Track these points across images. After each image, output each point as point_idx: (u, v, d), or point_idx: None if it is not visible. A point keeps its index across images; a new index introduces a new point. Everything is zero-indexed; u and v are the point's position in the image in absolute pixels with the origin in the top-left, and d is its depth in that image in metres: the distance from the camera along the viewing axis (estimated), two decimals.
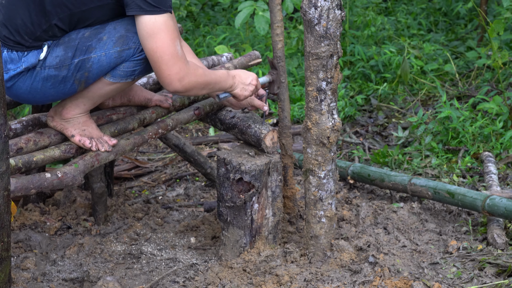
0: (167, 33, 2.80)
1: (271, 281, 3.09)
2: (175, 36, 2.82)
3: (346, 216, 3.64)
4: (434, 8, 6.94)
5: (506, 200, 3.43)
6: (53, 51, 2.87)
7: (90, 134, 3.03)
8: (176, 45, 2.82)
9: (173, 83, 2.85)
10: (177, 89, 2.87)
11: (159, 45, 2.80)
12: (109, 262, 3.36)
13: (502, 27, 4.54)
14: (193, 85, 2.90)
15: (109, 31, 2.87)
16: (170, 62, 2.81)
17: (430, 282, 3.08)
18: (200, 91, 2.98)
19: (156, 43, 2.80)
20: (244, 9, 5.18)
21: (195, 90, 2.94)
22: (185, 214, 3.90)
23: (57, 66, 2.87)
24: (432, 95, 5.37)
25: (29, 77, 2.89)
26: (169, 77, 2.84)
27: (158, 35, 2.79)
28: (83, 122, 3.03)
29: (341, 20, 3.00)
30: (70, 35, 2.88)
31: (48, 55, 2.86)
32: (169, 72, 2.83)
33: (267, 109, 3.32)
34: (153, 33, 2.79)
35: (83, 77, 2.90)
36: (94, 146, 3.01)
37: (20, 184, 2.75)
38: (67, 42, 2.87)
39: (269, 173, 3.23)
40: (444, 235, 3.54)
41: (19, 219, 3.71)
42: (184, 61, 2.86)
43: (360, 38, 6.06)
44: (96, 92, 2.97)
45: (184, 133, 5.23)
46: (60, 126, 3.02)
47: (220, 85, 3.07)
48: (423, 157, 4.43)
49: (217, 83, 3.04)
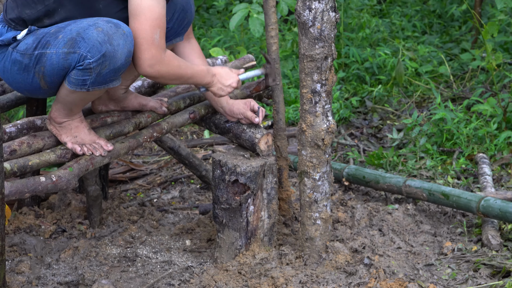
0: (148, 18, 2.84)
1: (266, 284, 3.09)
2: (157, 24, 2.85)
3: (341, 218, 3.64)
4: (429, 10, 6.95)
5: (501, 201, 3.44)
6: (27, 38, 2.90)
7: (82, 141, 3.02)
8: (155, 33, 2.85)
9: (142, 67, 2.90)
10: (145, 73, 2.92)
11: (137, 26, 2.85)
12: (104, 265, 3.36)
13: (496, 29, 4.55)
14: (163, 74, 2.95)
15: (65, 31, 2.84)
16: (143, 46, 2.86)
17: (425, 283, 3.09)
18: (170, 81, 3.04)
19: (135, 24, 2.85)
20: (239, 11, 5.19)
21: (165, 79, 3.00)
22: (180, 217, 3.90)
23: (22, 52, 2.90)
24: (427, 97, 5.38)
25: (2, 54, 2.94)
26: (140, 60, 2.88)
27: (139, 17, 2.84)
28: (75, 128, 3.02)
29: (336, 22, 3.01)
30: (46, 28, 2.90)
31: (22, 40, 2.90)
32: (140, 55, 2.87)
33: (258, 120, 3.34)
34: (136, 13, 2.84)
35: (40, 71, 2.89)
36: (87, 151, 3.02)
37: (14, 188, 2.75)
38: (38, 34, 2.89)
39: (264, 175, 3.23)
40: (439, 237, 3.54)
41: (13, 222, 3.70)
42: (159, 49, 2.88)
43: (355, 40, 6.07)
44: (65, 98, 2.95)
45: (179, 135, 5.23)
46: (55, 131, 3.03)
47: (195, 80, 3.12)
48: (418, 158, 4.44)
49: (191, 78, 3.09)
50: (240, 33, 6.49)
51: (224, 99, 3.35)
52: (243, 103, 3.34)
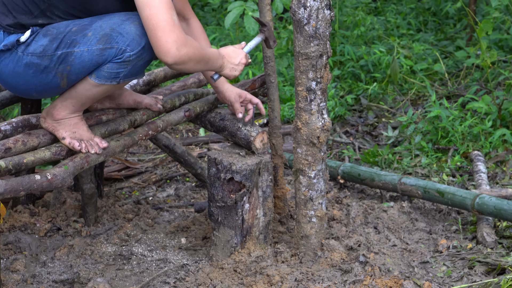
0: (162, 1, 2.77)
1: (262, 281, 3.09)
2: (170, 5, 2.78)
3: (337, 215, 3.64)
4: (423, 8, 6.96)
5: (496, 199, 3.45)
6: (39, 39, 2.88)
7: (80, 137, 3.02)
8: (172, 14, 2.77)
9: (171, 52, 2.77)
10: (175, 58, 2.78)
11: (154, 12, 2.75)
12: (99, 263, 3.36)
13: (490, 27, 4.56)
14: (190, 57, 2.82)
15: (95, 28, 2.86)
16: (166, 28, 2.76)
17: (420, 281, 3.09)
18: (195, 66, 2.89)
19: (151, 9, 2.76)
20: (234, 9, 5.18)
21: (191, 64, 2.86)
22: (176, 215, 3.90)
23: (40, 54, 2.88)
24: (422, 95, 5.39)
25: (12, 60, 2.90)
26: (167, 44, 2.76)
27: (152, 2, 2.76)
28: (74, 124, 3.02)
29: (331, 20, 3.00)
30: (59, 28, 2.89)
31: (32, 42, 2.88)
32: (166, 39, 2.76)
33: (240, 116, 3.32)
34: (146, 1, 2.76)
35: (65, 70, 2.89)
36: (84, 149, 3.01)
37: (9, 186, 2.74)
38: (55, 34, 2.88)
39: (259, 173, 3.23)
40: (434, 234, 3.55)
41: (8, 220, 3.69)
42: (181, 30, 2.79)
43: (350, 38, 6.07)
44: (84, 93, 2.96)
45: (174, 133, 5.23)
46: (52, 127, 3.02)
47: (212, 63, 3.02)
48: (413, 156, 4.44)
49: (210, 60, 2.98)
50: (235, 31, 6.49)
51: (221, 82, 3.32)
52: (237, 93, 3.33)
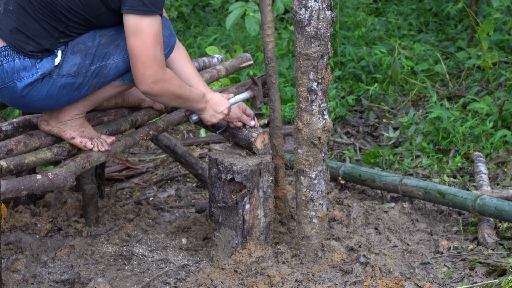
0: (149, 34, 2.83)
1: (262, 282, 3.09)
2: (157, 40, 2.85)
3: (337, 216, 3.64)
4: (425, 8, 6.96)
5: (496, 200, 3.45)
6: (69, 59, 2.90)
7: (90, 135, 3.05)
8: (156, 49, 2.85)
9: (144, 84, 2.87)
10: (147, 90, 2.89)
11: (139, 43, 2.82)
12: (100, 263, 3.36)
13: (492, 28, 4.56)
14: (164, 92, 2.93)
15: (124, 38, 2.91)
16: (146, 63, 2.84)
17: (421, 282, 3.09)
18: (169, 101, 3.01)
19: (136, 41, 2.83)
20: (235, 10, 5.19)
21: (165, 98, 2.97)
22: (176, 215, 3.90)
23: (74, 74, 2.91)
24: (423, 96, 5.39)
25: (45, 85, 2.90)
26: (144, 76, 2.86)
27: (139, 34, 2.82)
28: (80, 124, 3.04)
29: (332, 21, 3.01)
30: (86, 42, 2.91)
31: (64, 63, 2.89)
32: (144, 71, 2.86)
33: (254, 123, 3.34)
34: (135, 31, 2.82)
35: (98, 82, 2.95)
36: (96, 147, 3.03)
37: (11, 186, 2.74)
38: (84, 50, 2.90)
39: (260, 174, 3.23)
40: (435, 235, 3.55)
41: (9, 221, 3.69)
42: (161, 67, 2.88)
43: (351, 39, 6.08)
44: (102, 95, 3.02)
45: (175, 134, 5.23)
46: (57, 129, 3.02)
47: (191, 104, 3.10)
48: (414, 157, 4.44)
49: (188, 100, 3.07)
50: (236, 32, 6.49)
51: None
52: (237, 107, 3.35)
